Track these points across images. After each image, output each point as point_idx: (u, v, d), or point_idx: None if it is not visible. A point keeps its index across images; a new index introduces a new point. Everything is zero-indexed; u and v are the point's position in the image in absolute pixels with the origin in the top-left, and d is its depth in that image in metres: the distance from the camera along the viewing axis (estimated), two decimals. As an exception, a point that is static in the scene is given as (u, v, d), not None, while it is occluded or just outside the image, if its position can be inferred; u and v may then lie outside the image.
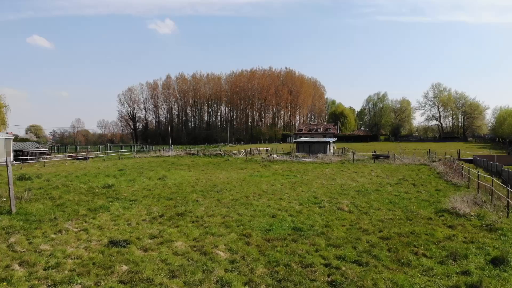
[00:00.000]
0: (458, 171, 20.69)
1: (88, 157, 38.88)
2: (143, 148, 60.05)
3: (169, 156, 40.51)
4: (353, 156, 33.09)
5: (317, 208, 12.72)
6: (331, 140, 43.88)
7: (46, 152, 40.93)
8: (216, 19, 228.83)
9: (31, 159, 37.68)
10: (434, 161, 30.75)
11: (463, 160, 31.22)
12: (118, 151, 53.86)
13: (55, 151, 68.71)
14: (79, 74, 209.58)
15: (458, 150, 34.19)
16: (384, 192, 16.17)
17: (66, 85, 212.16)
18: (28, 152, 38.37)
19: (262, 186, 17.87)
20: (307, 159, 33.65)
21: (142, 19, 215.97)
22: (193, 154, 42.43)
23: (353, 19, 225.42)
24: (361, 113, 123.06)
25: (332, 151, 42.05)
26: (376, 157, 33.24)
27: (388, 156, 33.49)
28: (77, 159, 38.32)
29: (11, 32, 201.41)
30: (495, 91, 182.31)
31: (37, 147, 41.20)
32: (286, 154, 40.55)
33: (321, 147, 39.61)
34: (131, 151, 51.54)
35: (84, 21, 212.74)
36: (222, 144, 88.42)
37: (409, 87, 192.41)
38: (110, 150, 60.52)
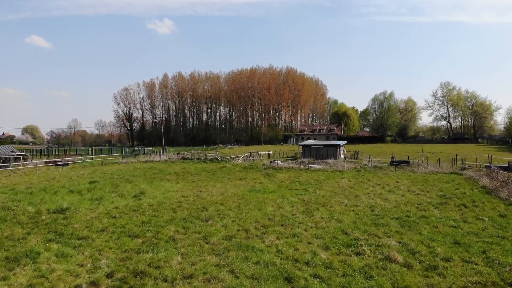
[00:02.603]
0: (513, 186, 16.35)
1: (67, 163, 34.49)
2: (135, 151, 55.63)
3: (159, 161, 36.00)
4: (370, 163, 28.63)
5: (354, 256, 8.39)
6: (341, 143, 39.25)
7: (22, 157, 36.55)
8: (215, 19, 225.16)
9: (5, 165, 33.41)
10: (465, 169, 26.40)
11: (497, 166, 26.81)
12: (107, 154, 49.51)
13: (41, 153, 64.35)
14: (78, 74, 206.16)
15: (489, 155, 29.74)
16: (434, 220, 11.82)
17: (65, 85, 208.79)
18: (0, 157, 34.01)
19: (266, 209, 13.55)
20: (316, 166, 29.29)
21: (141, 19, 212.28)
22: (186, 158, 37.97)
23: (353, 19, 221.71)
24: (365, 113, 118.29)
25: (342, 156, 37.59)
26: (395, 164, 28.82)
27: (408, 162, 29.05)
28: (55, 165, 33.96)
29: (10, 32, 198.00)
30: (495, 91, 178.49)
31: (12, 151, 36.78)
32: (291, 159, 36.20)
33: (330, 151, 35.09)
34: (120, 155, 47.07)
35: (83, 21, 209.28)
36: (221, 145, 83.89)
37: (410, 87, 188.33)
38: (100, 153, 56.19)
